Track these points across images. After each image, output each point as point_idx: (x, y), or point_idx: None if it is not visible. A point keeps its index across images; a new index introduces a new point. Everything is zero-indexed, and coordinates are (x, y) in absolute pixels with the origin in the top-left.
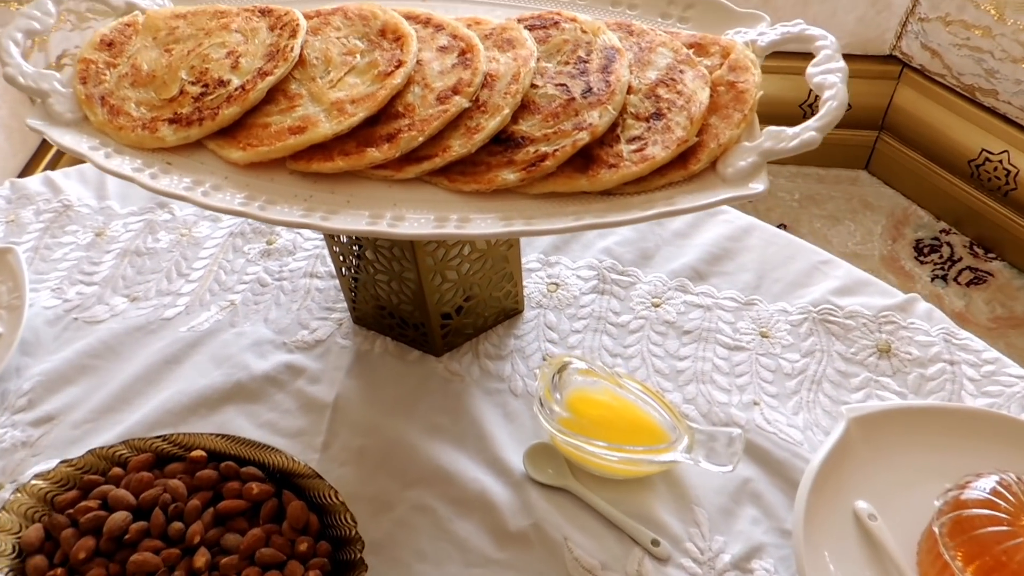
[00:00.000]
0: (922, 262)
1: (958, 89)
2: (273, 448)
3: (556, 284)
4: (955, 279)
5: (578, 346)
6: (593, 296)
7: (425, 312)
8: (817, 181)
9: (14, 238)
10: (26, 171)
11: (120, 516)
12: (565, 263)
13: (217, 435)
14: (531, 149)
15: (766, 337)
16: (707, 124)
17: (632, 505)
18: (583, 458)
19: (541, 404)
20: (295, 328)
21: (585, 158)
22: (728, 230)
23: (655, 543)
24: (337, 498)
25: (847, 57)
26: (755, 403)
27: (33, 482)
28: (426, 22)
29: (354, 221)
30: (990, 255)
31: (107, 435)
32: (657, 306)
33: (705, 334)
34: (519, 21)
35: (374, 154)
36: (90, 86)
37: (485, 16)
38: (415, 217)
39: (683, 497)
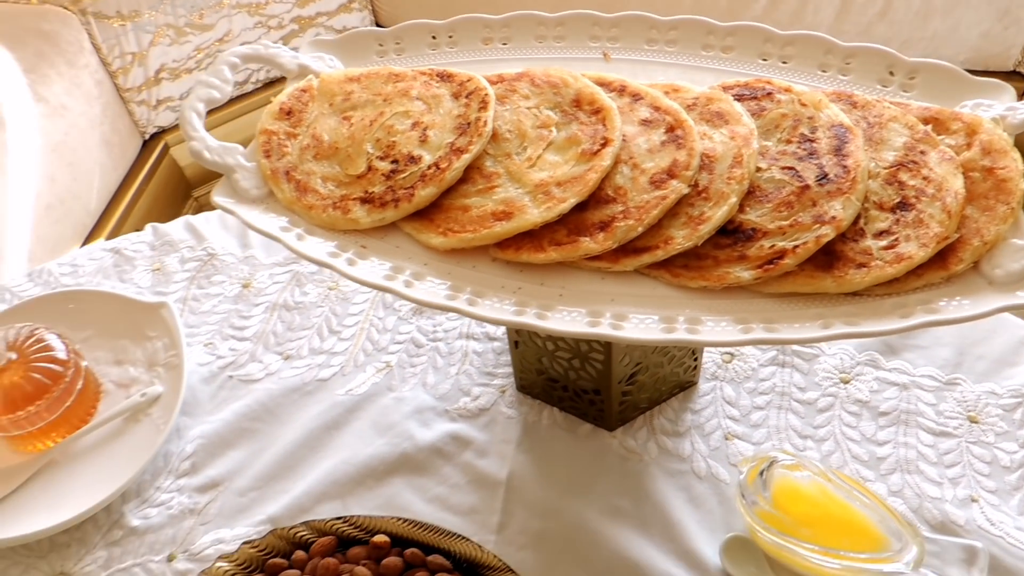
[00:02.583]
0: None
1: None
2: (460, 536)
3: (731, 354)
4: None
5: (762, 424)
6: (773, 368)
7: (607, 390)
8: None
9: (162, 288)
10: (126, 182)
11: None
12: None
13: (399, 519)
14: (765, 243)
15: (975, 423)
16: (964, 216)
17: None
18: (789, 559)
19: (743, 496)
20: (456, 394)
21: (826, 254)
22: None
23: None
24: None
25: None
26: (973, 499)
27: (218, 564)
28: (620, 90)
29: (573, 322)
30: None
31: (274, 505)
32: (846, 382)
33: (904, 416)
34: (724, 89)
35: (589, 245)
36: (274, 160)
37: (679, 80)
38: (639, 318)
39: None
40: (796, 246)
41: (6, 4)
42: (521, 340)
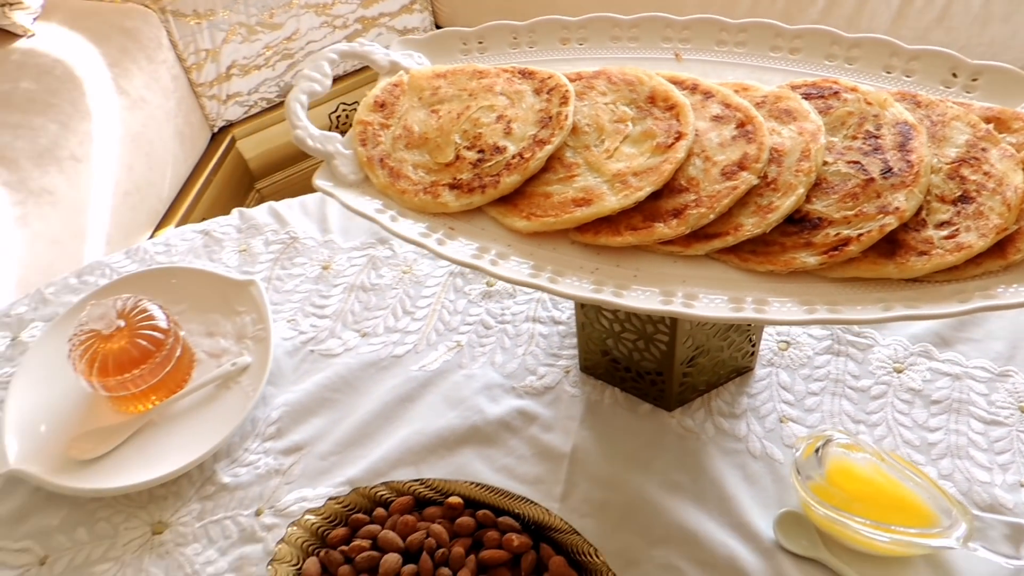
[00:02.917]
0: None
1: None
2: (528, 500)
3: (787, 343)
4: None
5: (816, 409)
6: (828, 357)
7: (670, 371)
8: None
9: (248, 267)
10: (195, 172)
11: (393, 558)
12: None
13: (472, 483)
14: (831, 232)
15: None
16: (1023, 210)
17: None
18: (841, 532)
19: (799, 472)
20: (523, 373)
21: (889, 242)
22: None
23: None
24: (598, 557)
25: None
26: (1022, 484)
27: (306, 517)
28: (693, 88)
29: (647, 299)
30: None
31: (353, 468)
32: (900, 371)
33: (956, 405)
34: (792, 88)
35: (663, 230)
36: (369, 148)
37: (748, 80)
38: (708, 297)
39: None
40: (860, 234)
41: (93, 2)
42: (587, 322)
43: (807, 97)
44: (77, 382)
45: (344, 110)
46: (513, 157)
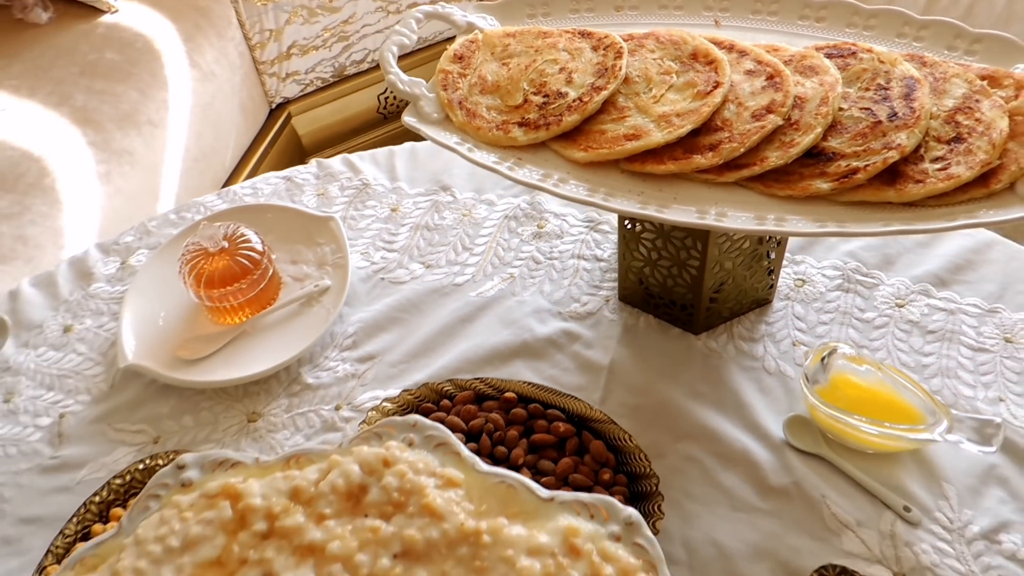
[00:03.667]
0: None
1: None
2: (572, 396)
3: (803, 280)
4: None
5: (825, 336)
6: (838, 293)
7: (698, 295)
8: None
9: (325, 208)
10: (254, 144)
11: (457, 437)
12: (810, 262)
13: (524, 382)
14: (842, 163)
15: (1010, 342)
16: (1006, 149)
17: (883, 475)
18: (841, 430)
19: (807, 379)
20: (568, 301)
21: (891, 173)
22: (970, 243)
23: (907, 509)
24: (631, 441)
25: None
26: (1000, 399)
27: (384, 404)
28: (730, 48)
29: (684, 214)
30: None
31: (419, 375)
32: (901, 306)
33: (949, 335)
34: (816, 50)
35: (700, 160)
36: (449, 92)
37: (777, 43)
38: (736, 215)
39: (931, 474)
40: (867, 165)
41: None
42: (627, 251)
43: (828, 56)
44: (182, 297)
45: (390, 92)
46: (574, 101)
